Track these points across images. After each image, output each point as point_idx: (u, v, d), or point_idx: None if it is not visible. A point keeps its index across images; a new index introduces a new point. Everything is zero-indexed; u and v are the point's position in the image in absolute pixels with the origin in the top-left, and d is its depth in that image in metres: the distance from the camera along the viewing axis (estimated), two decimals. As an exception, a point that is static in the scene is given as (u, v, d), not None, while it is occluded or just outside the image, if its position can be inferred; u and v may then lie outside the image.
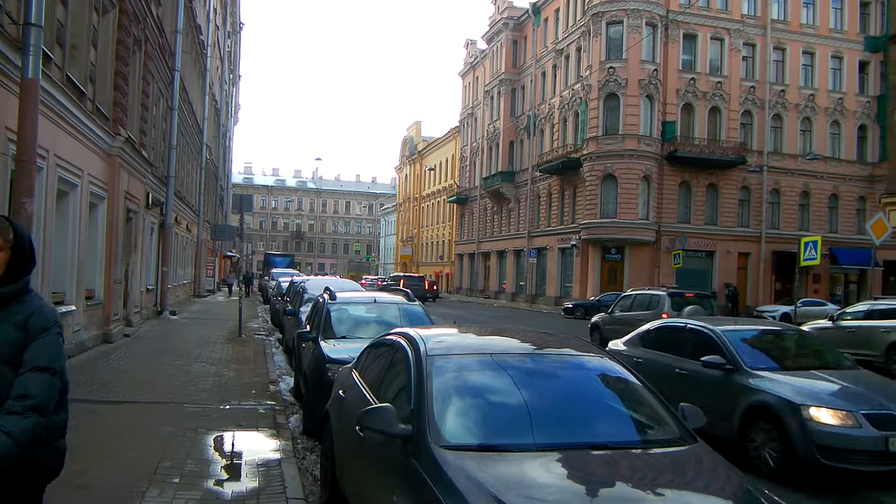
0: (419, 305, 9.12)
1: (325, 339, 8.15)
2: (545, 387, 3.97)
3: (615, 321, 19.93)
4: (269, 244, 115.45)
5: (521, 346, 4.50)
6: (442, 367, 3.96)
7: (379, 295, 9.42)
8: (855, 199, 44.39)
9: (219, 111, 44.06)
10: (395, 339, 4.81)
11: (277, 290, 23.44)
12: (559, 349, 4.47)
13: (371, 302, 9.03)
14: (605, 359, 4.36)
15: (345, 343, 8.05)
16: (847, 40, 44.10)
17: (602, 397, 4.10)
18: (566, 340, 4.70)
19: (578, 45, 43.65)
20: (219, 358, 12.77)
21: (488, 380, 3.91)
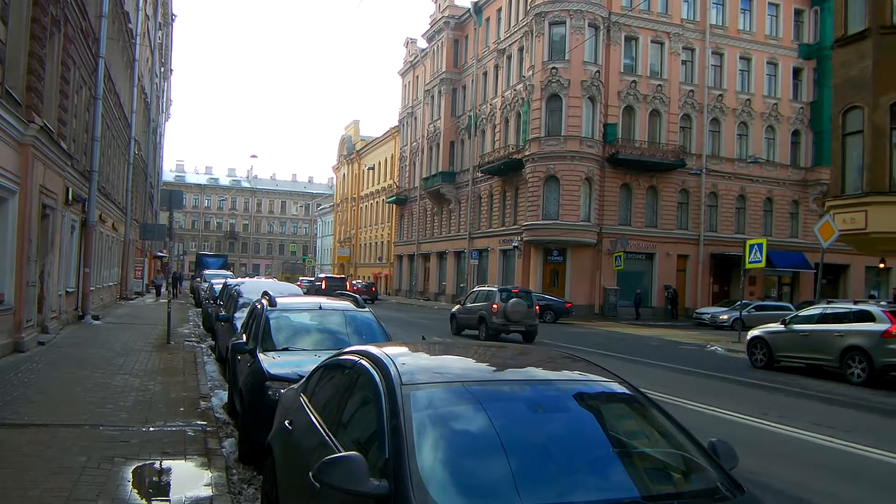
0: (370, 312, 8.25)
1: (265, 351, 7.23)
2: (555, 425, 3.21)
3: (466, 311, 24.94)
4: (202, 244, 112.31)
5: (519, 372, 3.72)
6: (423, 402, 3.13)
7: (325, 301, 8.49)
8: (789, 202, 45.25)
9: (149, 105, 42.13)
10: (356, 359, 3.96)
11: (210, 293, 22.17)
12: (562, 373, 3.71)
13: (316, 308, 8.12)
14: (616, 383, 3.61)
15: (287, 356, 7.14)
16: (782, 47, 44.95)
17: (626, 435, 3.35)
18: (567, 361, 3.94)
19: (521, 45, 43.33)
20: (144, 369, 11.64)
21: (484, 418, 3.07)
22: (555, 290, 39.56)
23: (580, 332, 27.99)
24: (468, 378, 3.47)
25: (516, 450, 2.92)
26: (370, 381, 3.51)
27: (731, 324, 33.44)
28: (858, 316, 15.23)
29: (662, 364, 17.31)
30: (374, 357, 3.72)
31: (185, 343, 15.85)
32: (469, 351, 4.39)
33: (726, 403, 11.44)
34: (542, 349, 4.41)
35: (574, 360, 3.97)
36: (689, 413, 10.12)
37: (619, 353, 19.69)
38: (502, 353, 4.22)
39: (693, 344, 24.62)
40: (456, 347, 4.94)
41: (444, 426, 3.07)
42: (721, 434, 4.50)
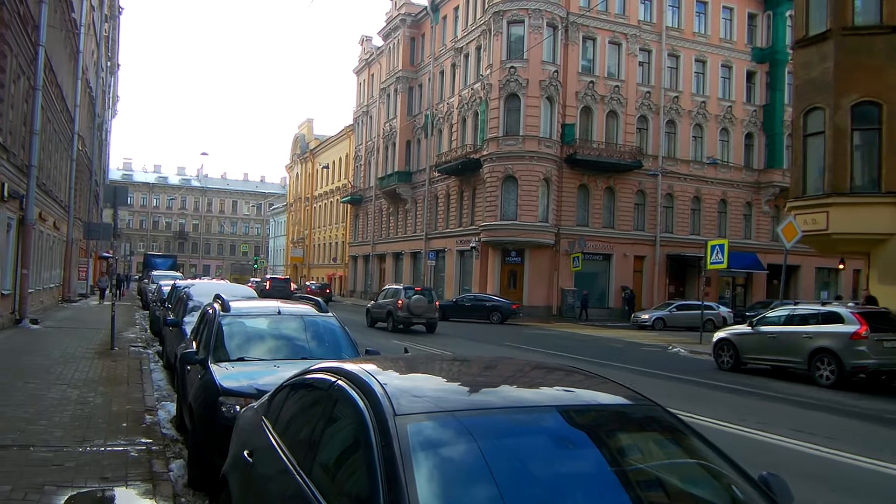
0: (334, 317, 7.56)
1: (217, 361, 6.49)
2: (583, 462, 2.61)
3: (377, 306, 27.78)
4: (150, 245, 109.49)
5: (533, 393, 3.11)
6: (425, 437, 2.50)
7: (284, 305, 7.74)
8: (742, 204, 45.72)
9: (94, 100, 40.55)
10: (331, 379, 3.30)
11: (158, 295, 21.13)
12: (583, 393, 3.11)
13: (274, 313, 7.33)
14: (649, 405, 3.04)
15: (243, 367, 6.42)
16: (736, 50, 45.39)
17: (662, 469, 2.77)
18: (583, 378, 3.34)
19: (478, 43, 42.91)
20: (84, 378, 10.74)
21: (504, 458, 2.45)
22: (513, 292, 39.26)
23: (539, 335, 27.60)
24: (482, 405, 2.85)
25: (546, 497, 2.32)
26: (352, 408, 2.87)
27: (652, 323, 33.25)
28: (827, 318, 15.05)
29: (628, 367, 16.94)
30: (355, 377, 3.08)
31: (130, 349, 14.90)
32: (468, 368, 3.72)
33: (702, 409, 11.03)
34: (544, 364, 3.80)
35: (589, 377, 3.38)
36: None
37: (582, 356, 19.30)
38: (505, 369, 3.60)
39: (655, 345, 24.41)
40: (446, 363, 4.24)
41: (453, 467, 2.44)
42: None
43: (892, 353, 14.24)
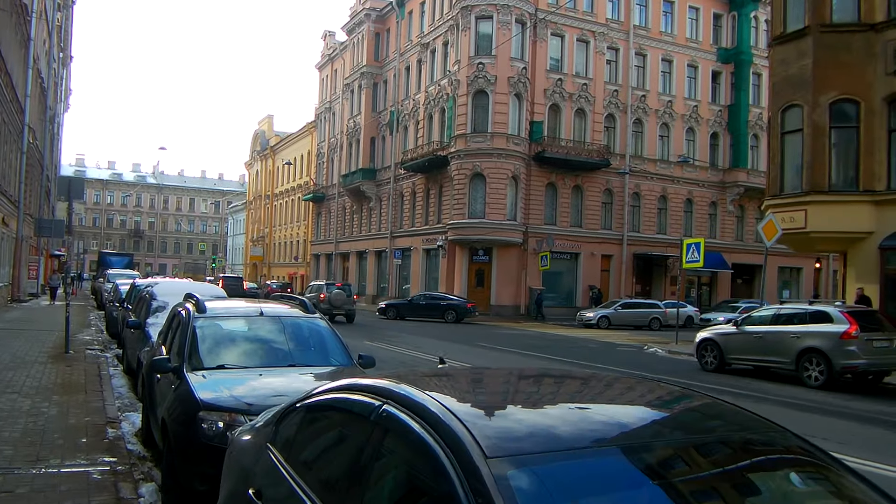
0: (322, 319, 6.82)
1: (194, 369, 5.70)
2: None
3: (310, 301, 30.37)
4: (104, 243, 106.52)
5: (658, 423, 2.42)
6: (540, 493, 1.81)
7: (266, 305, 6.92)
8: (707, 203, 45.85)
9: (45, 91, 38.88)
10: (374, 402, 2.57)
11: (115, 295, 20.00)
12: (717, 423, 2.43)
13: (255, 314, 6.53)
14: (804, 443, 2.37)
15: (223, 375, 5.65)
16: (702, 50, 45.49)
17: None
18: (712, 403, 2.63)
19: (445, 39, 42.25)
20: (37, 385, 9.80)
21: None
22: (480, 291, 38.74)
23: (510, 334, 27.04)
24: (599, 437, 2.14)
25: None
26: (415, 444, 2.15)
27: (597, 322, 32.92)
28: (815, 317, 14.67)
29: (612, 368, 16.42)
30: (411, 401, 2.37)
31: (86, 352, 13.89)
32: (550, 386, 2.94)
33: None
34: (629, 378, 3.12)
35: (715, 404, 2.67)
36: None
37: (559, 357, 18.81)
38: (595, 386, 2.87)
39: (630, 346, 23.99)
40: (513, 378, 3.25)
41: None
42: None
43: (881, 352, 13.95)
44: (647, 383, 2.91)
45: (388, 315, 33.73)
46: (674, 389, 2.72)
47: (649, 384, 2.87)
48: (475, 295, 38.76)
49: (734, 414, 2.50)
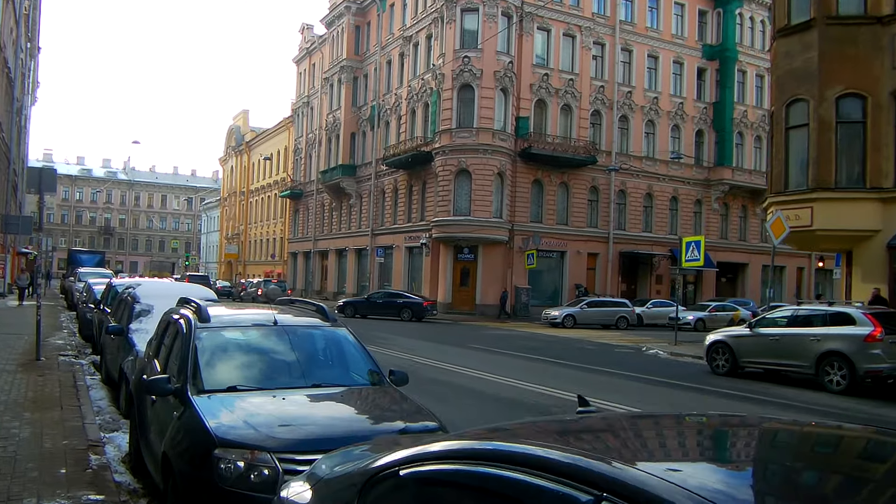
0: (345, 328, 5.89)
1: (199, 391, 4.75)
2: None
3: (247, 295, 33.91)
4: (73, 240, 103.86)
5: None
6: None
7: (279, 313, 5.92)
8: (692, 202, 45.43)
9: (12, 81, 37.27)
10: (581, 496, 1.68)
11: (89, 296, 18.80)
12: None
13: (269, 324, 5.56)
14: None
15: (238, 400, 4.67)
16: (687, 47, 45.03)
17: None
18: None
19: (429, 32, 41.29)
20: (5, 400, 8.73)
21: None
22: (465, 290, 37.96)
23: (500, 335, 26.17)
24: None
25: None
26: None
27: (562, 320, 32.04)
28: (836, 318, 14.04)
29: (617, 372, 15.67)
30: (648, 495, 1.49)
31: (59, 358, 12.78)
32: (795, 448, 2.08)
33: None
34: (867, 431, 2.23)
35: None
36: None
37: (559, 359, 18.00)
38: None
39: (627, 346, 23.27)
40: (759, 442, 2.34)
41: None
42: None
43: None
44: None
45: (346, 313, 32.84)
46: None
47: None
48: (460, 294, 37.95)
49: None
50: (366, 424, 4.57)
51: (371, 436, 4.08)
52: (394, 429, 4.42)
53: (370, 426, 4.53)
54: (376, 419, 4.69)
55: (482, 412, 8.90)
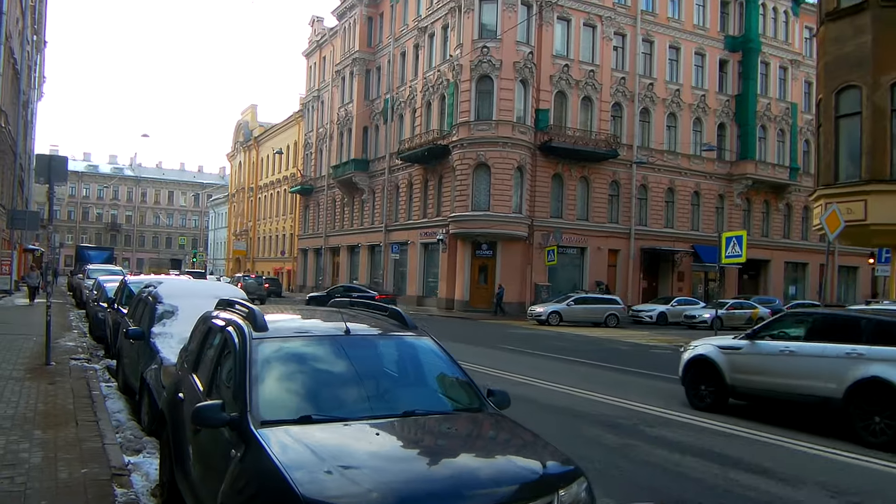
0: (430, 338, 4.82)
1: (264, 422, 3.65)
2: None
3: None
4: (80, 237, 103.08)
5: None
6: None
7: (352, 323, 4.73)
8: (715, 197, 44.25)
9: (18, 73, 36.28)
10: None
11: (100, 294, 17.78)
12: None
13: (340, 334, 4.48)
14: None
15: (320, 435, 3.57)
16: (709, 37, 43.83)
17: None
18: None
19: (445, 22, 40.15)
20: (12, 414, 7.69)
21: None
22: (484, 287, 36.88)
23: (528, 335, 25.05)
24: None
25: None
26: None
27: (547, 318, 30.60)
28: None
29: (662, 375, 14.54)
30: None
31: (70, 363, 11.75)
32: None
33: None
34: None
35: None
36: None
37: (597, 362, 17.00)
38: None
39: (663, 347, 22.16)
40: None
41: None
42: None
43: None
44: None
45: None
46: None
47: None
48: (478, 291, 36.91)
49: None
50: (491, 471, 3.50)
51: (503, 487, 3.09)
52: (527, 475, 3.39)
53: (497, 473, 3.47)
54: (500, 462, 3.60)
55: (543, 423, 7.80)
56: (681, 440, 8.63)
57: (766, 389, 10.37)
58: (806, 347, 9.85)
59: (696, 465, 7.42)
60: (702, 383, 11.14)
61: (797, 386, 9.73)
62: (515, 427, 4.05)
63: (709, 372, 11.03)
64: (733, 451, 8.04)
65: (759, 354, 10.46)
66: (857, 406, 8.96)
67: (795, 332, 10.47)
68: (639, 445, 8.24)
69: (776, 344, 10.31)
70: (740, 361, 10.68)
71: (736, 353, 10.82)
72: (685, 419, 10.02)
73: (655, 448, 8.11)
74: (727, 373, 10.76)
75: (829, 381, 9.31)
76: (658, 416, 10.21)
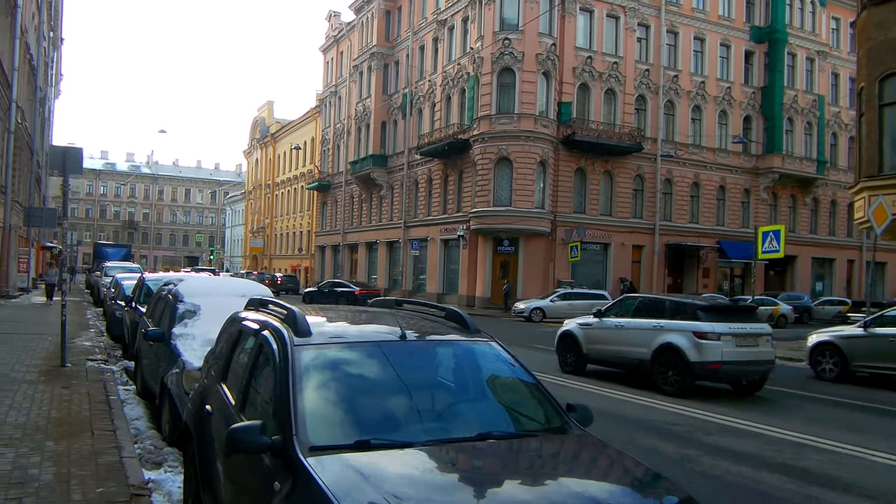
0: (495, 342, 4.16)
1: (314, 449, 2.96)
2: None
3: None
4: (98, 235, 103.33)
5: None
6: None
7: (407, 326, 4.03)
8: (740, 191, 43.29)
9: (35, 69, 35.98)
10: None
11: (117, 292, 17.28)
12: None
13: (394, 339, 3.81)
14: None
15: (379, 463, 2.93)
16: (734, 28, 42.85)
17: None
18: None
19: (465, 14, 39.44)
20: (24, 422, 7.12)
21: None
22: (505, 284, 36.09)
23: (552, 333, 24.23)
24: None
25: None
26: None
27: (529, 314, 29.58)
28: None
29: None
30: None
31: (87, 364, 11.20)
32: None
33: (856, 437, 8.23)
34: None
35: None
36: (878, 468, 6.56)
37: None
38: None
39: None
40: None
41: None
42: None
43: None
44: None
45: (304, 301, 34.36)
46: None
47: None
48: (500, 288, 36.16)
49: None
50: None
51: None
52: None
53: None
54: (600, 498, 2.93)
55: (621, 437, 7.15)
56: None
57: (607, 355, 13.18)
58: (631, 322, 12.70)
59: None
60: (567, 352, 13.95)
61: (626, 351, 12.58)
62: (616, 453, 3.38)
63: (571, 344, 13.83)
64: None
65: (602, 329, 13.27)
66: (658, 364, 11.80)
67: (628, 311, 13.14)
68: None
69: (613, 320, 13.15)
70: (591, 334, 13.43)
71: (589, 328, 13.57)
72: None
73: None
74: (584, 344, 13.50)
75: (643, 346, 12.15)
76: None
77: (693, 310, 11.75)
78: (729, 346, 11.15)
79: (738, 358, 11.25)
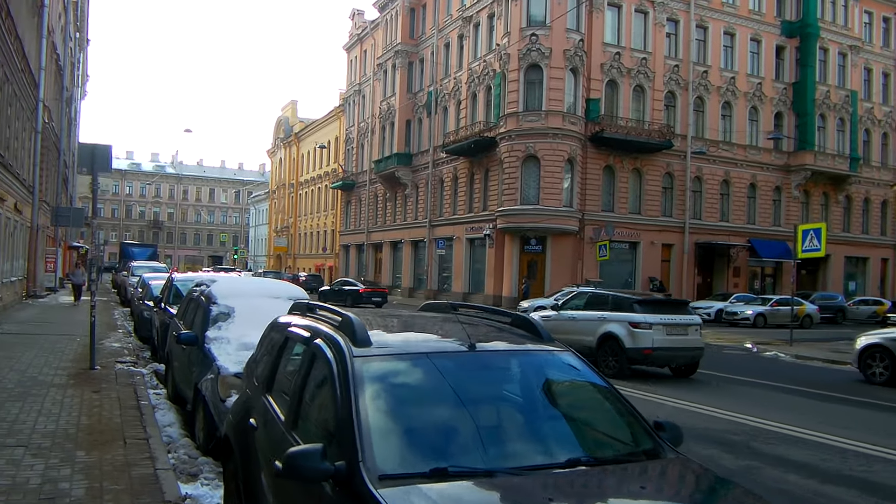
0: (571, 351, 3.71)
1: (383, 477, 2.62)
2: None
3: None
4: (124, 234, 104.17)
5: None
6: None
7: (474, 335, 3.67)
8: (771, 189, 42.44)
9: (62, 69, 36.08)
10: None
11: (145, 292, 17.08)
12: None
13: (463, 349, 3.40)
14: None
15: (467, 494, 2.59)
16: (765, 23, 42.00)
17: None
18: None
19: (491, 11, 38.98)
20: (53, 429, 6.83)
21: None
22: (533, 284, 35.62)
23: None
24: None
25: None
26: None
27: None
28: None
29: (750, 380, 13.31)
30: None
31: (116, 366, 10.95)
32: None
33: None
34: None
35: None
36: None
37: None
38: None
39: (733, 347, 20.79)
40: None
41: None
42: None
43: None
44: None
45: (319, 300, 33.50)
46: None
47: None
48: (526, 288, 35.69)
49: None
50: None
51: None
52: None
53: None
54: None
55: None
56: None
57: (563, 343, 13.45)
58: (581, 314, 14.55)
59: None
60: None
61: (577, 340, 13.38)
62: (705, 474, 2.98)
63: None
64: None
65: (559, 320, 14.80)
66: (601, 351, 13.43)
67: (580, 304, 15.03)
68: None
69: (569, 313, 15.01)
70: (550, 326, 13.77)
71: (549, 320, 15.05)
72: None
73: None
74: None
75: (590, 335, 13.77)
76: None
77: (630, 303, 13.57)
78: (660, 335, 12.84)
79: (669, 345, 12.97)
